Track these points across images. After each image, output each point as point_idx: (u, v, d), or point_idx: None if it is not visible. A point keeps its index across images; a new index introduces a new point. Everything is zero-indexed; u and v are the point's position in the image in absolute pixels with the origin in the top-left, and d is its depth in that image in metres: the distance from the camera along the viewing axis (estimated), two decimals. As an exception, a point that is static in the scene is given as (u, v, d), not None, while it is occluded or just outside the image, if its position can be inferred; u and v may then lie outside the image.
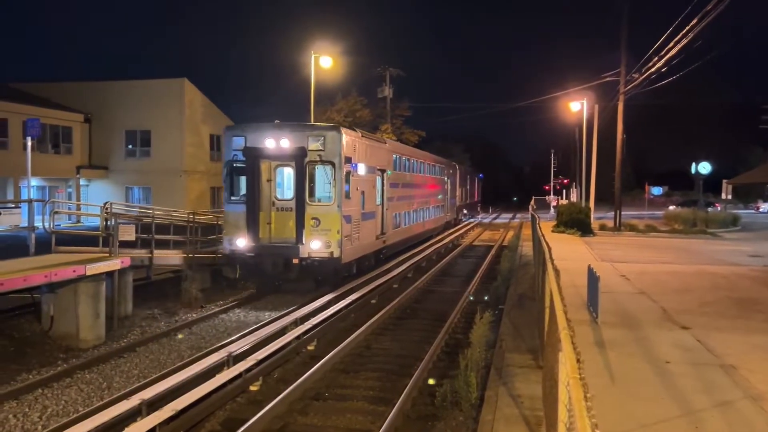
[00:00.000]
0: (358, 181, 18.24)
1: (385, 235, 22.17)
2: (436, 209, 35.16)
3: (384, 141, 23.63)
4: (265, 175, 16.91)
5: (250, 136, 16.88)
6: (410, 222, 27.36)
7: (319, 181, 16.90)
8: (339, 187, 16.61)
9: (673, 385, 8.18)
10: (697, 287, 16.02)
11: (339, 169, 16.62)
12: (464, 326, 13.65)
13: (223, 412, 8.94)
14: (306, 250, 16.41)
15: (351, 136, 17.88)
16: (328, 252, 16.40)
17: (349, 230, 17.21)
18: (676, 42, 24.80)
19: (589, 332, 10.97)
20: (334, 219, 16.56)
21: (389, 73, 54.34)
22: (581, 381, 3.74)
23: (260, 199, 16.74)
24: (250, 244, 16.54)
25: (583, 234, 32.24)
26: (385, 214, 22.16)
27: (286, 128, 16.81)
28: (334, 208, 16.62)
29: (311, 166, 16.71)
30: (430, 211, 33.00)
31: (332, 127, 17.20)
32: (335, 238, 16.45)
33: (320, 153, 16.56)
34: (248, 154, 16.66)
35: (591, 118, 42.93)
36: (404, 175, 26.15)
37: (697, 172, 40.87)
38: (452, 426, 8.40)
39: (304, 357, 11.78)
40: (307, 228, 16.42)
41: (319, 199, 16.88)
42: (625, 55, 34.53)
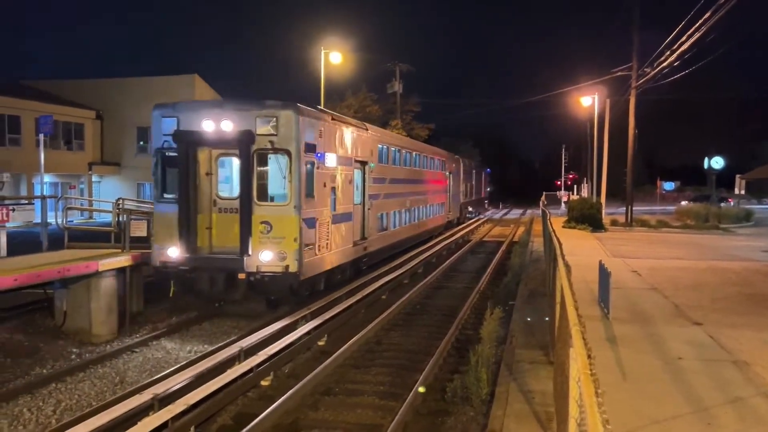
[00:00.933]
0: (325, 176, 14.92)
1: (366, 240, 18.74)
2: (435, 207, 31.84)
3: (364, 127, 19.33)
4: (204, 167, 13.63)
5: (184, 116, 13.51)
6: (401, 223, 24.03)
7: (272, 174, 13.59)
8: (297, 183, 13.24)
9: (685, 382, 8.14)
10: (710, 283, 15.91)
11: (297, 160, 13.22)
12: (474, 323, 13.63)
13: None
14: (254, 263, 13.02)
15: (314, 117, 14.35)
16: (281, 265, 13.05)
17: (312, 237, 13.89)
18: (688, 36, 24.60)
19: (601, 328, 10.93)
20: (290, 223, 13.18)
21: (399, 69, 54.24)
22: (592, 377, 3.73)
23: (197, 197, 13.47)
24: (184, 255, 13.17)
25: (594, 229, 32.08)
26: (367, 215, 18.84)
27: (228, 106, 13.46)
28: (289, 210, 13.23)
29: (261, 155, 13.35)
30: (427, 210, 29.67)
31: (287, 105, 13.36)
32: (291, 247, 13.10)
33: (272, 138, 13.18)
34: (180, 140, 13.30)
35: (602, 113, 42.67)
36: (393, 169, 22.74)
37: (709, 167, 40.50)
38: (462, 421, 8.41)
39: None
40: (255, 235, 13.09)
41: (271, 197, 13.58)
42: (637, 49, 34.29)
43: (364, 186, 18.80)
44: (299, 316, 13.12)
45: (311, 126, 14.08)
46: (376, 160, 19.89)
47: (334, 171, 15.71)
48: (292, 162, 13.25)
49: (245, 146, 13.10)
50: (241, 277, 13.05)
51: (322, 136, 14.63)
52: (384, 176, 21.24)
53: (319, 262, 14.56)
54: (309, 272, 13.84)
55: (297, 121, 13.27)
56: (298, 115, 13.34)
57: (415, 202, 26.49)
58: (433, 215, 31.47)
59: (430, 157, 31.00)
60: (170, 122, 13.61)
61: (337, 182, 15.88)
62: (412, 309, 15.72)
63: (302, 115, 13.51)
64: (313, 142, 14.13)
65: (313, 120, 14.25)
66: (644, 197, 62.85)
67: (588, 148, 55.29)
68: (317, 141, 14.36)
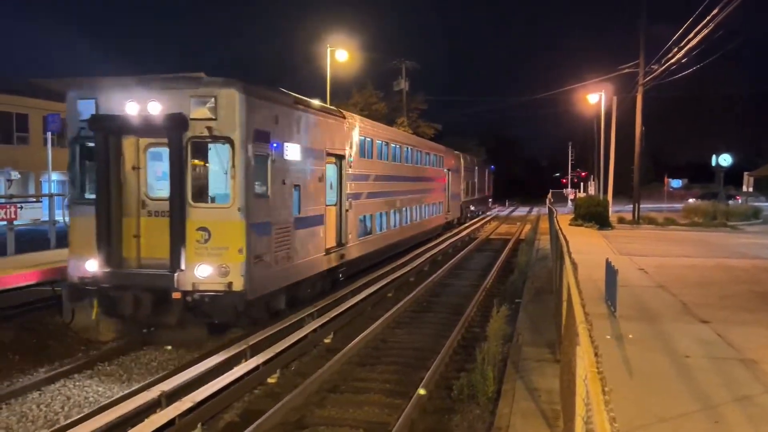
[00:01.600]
0: (284, 171, 12.51)
1: (344, 246, 16.31)
2: (431, 207, 29.36)
3: (340, 114, 16.51)
4: (130, 161, 11.29)
5: (104, 97, 11.21)
6: (390, 226, 21.64)
7: (211, 169, 11.32)
8: (243, 180, 10.88)
9: (693, 380, 8.11)
10: (717, 281, 15.83)
11: (242, 150, 10.87)
12: (480, 320, 13.62)
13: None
14: (188, 280, 10.71)
15: (267, 98, 11.95)
16: (223, 282, 10.73)
17: (264, 246, 11.59)
18: (696, 32, 24.46)
19: (607, 326, 10.90)
20: (234, 230, 10.86)
21: (405, 66, 54.20)
22: (599, 375, 3.73)
23: (122, 198, 11.21)
24: (103, 270, 10.89)
25: (601, 227, 31.96)
26: (344, 218, 16.33)
27: (155, 84, 11.05)
28: (233, 213, 10.85)
29: (197, 144, 10.97)
30: (422, 210, 27.26)
31: (229, 82, 10.95)
32: (236, 259, 10.78)
33: (210, 124, 10.79)
34: (98, 127, 11.00)
35: (609, 110, 42.51)
36: (379, 165, 20.20)
37: (717, 164, 40.32)
38: (469, 419, 8.41)
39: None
40: (190, 244, 10.78)
41: (211, 198, 11.30)
42: (644, 46, 34.12)
43: (341, 184, 16.24)
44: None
45: (263, 109, 11.68)
46: (356, 154, 17.41)
47: (298, 165, 13.18)
48: (235, 153, 10.82)
49: (175, 133, 10.73)
50: (176, 297, 10.68)
51: (279, 123, 12.22)
52: (367, 172, 18.83)
53: (275, 277, 12.13)
54: (261, 290, 11.47)
55: (242, 102, 10.86)
56: (244, 95, 10.90)
57: (407, 202, 24.16)
58: (430, 216, 29.15)
59: (425, 153, 28.63)
60: (88, 105, 11.27)
61: (302, 179, 13.43)
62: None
63: (249, 95, 11.09)
64: (266, 129, 11.66)
65: (265, 102, 11.79)
66: (651, 195, 62.51)
67: (595, 146, 55.12)
68: (272, 128, 11.92)
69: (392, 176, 22.05)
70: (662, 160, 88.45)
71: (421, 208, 26.92)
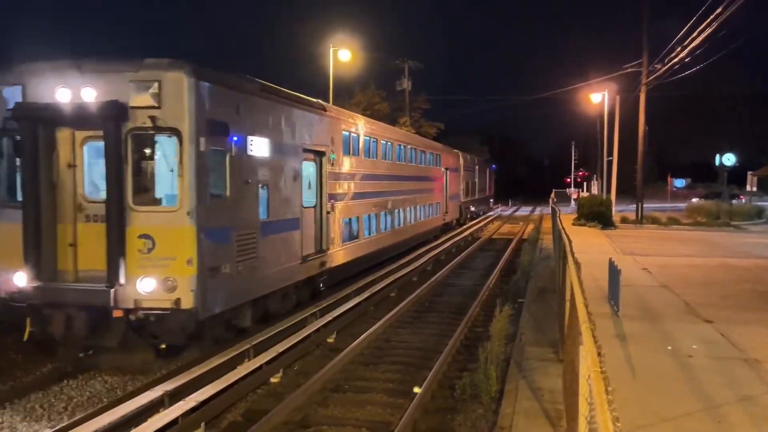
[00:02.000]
0: (249, 169, 11.00)
1: (325, 253, 14.67)
2: (428, 208, 27.88)
3: (321, 107, 14.92)
4: (65, 157, 9.82)
5: (32, 83, 9.66)
6: (380, 229, 20.14)
7: (157, 166, 9.84)
8: (193, 178, 9.34)
9: (696, 379, 8.10)
10: (721, 280, 15.81)
11: (193, 144, 9.32)
12: (484, 320, 13.62)
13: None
14: (129, 296, 9.25)
15: (224, 85, 10.39)
16: (170, 298, 9.22)
17: (223, 255, 10.04)
18: (699, 32, 24.42)
19: (611, 325, 10.89)
20: (182, 237, 9.33)
21: (408, 66, 54.19)
22: (602, 374, 3.72)
23: (55, 200, 9.74)
24: (32, 284, 9.42)
25: (604, 227, 31.95)
26: (326, 221, 14.68)
27: (88, 67, 9.58)
28: (181, 218, 9.32)
29: (138, 137, 9.44)
30: (417, 212, 25.70)
31: (176, 64, 9.40)
32: (185, 272, 9.27)
33: (153, 113, 9.28)
34: (23, 117, 9.51)
35: (612, 109, 42.47)
36: (366, 163, 18.59)
37: (721, 163, 40.23)
38: (472, 419, 8.40)
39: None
40: (131, 254, 9.31)
41: (157, 200, 9.80)
42: (647, 45, 34.08)
43: (321, 183, 14.60)
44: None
45: (220, 96, 10.19)
46: (340, 151, 15.86)
47: (267, 162, 11.59)
48: (184, 147, 9.29)
49: (112, 124, 9.24)
50: (117, 316, 9.26)
51: (241, 113, 10.71)
52: (353, 171, 17.19)
53: (237, 291, 10.59)
54: (217, 306, 9.94)
55: (192, 88, 9.33)
56: (194, 79, 9.36)
57: (400, 203, 22.61)
58: (426, 217, 27.63)
59: (421, 150, 27.11)
60: (14, 92, 9.75)
61: (272, 178, 11.86)
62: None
63: (201, 80, 9.54)
64: (224, 120, 10.15)
65: (222, 89, 10.28)
66: (655, 194, 62.45)
67: (598, 145, 55.06)
68: (232, 119, 10.42)
69: (383, 175, 20.53)
70: (666, 159, 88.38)
71: (416, 210, 25.47)
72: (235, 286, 10.50)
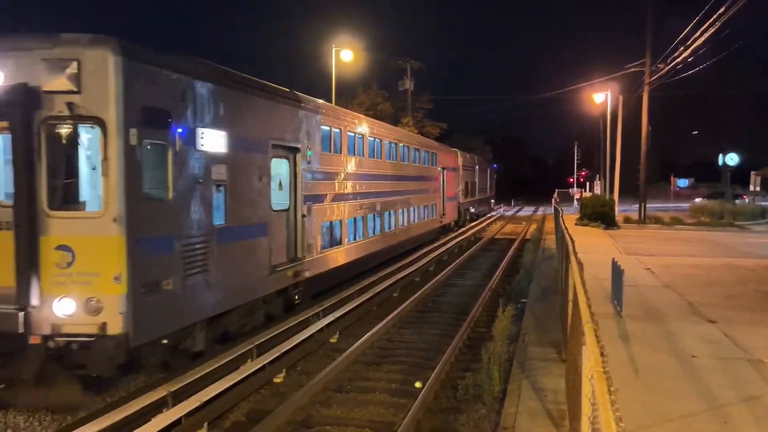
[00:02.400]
0: (200, 166, 9.39)
1: (300, 261, 13.08)
2: (422, 210, 26.35)
3: (294, 98, 13.23)
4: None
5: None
6: (367, 233, 18.54)
7: (79, 162, 8.41)
8: (122, 177, 7.84)
9: (699, 380, 8.08)
10: (724, 280, 15.78)
11: (120, 136, 7.83)
12: (486, 320, 13.61)
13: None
14: (45, 319, 7.76)
15: (163, 66, 8.72)
16: (95, 323, 7.71)
17: (164, 269, 8.55)
18: (702, 31, 24.38)
19: (613, 326, 10.88)
20: (108, 248, 7.81)
21: (410, 66, 54.20)
22: (605, 374, 3.72)
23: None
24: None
25: (607, 227, 31.91)
26: (301, 225, 13.07)
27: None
28: (106, 225, 7.80)
29: (53, 128, 7.98)
30: (410, 214, 24.06)
31: (98, 41, 7.93)
32: (112, 290, 7.75)
33: (72, 99, 7.80)
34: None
35: (615, 109, 42.41)
36: (350, 161, 16.93)
37: (724, 163, 40.16)
38: (475, 419, 8.40)
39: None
40: (46, 270, 7.81)
41: (80, 203, 8.38)
42: (650, 44, 34.01)
43: (296, 183, 13.09)
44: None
45: (159, 80, 8.58)
46: (318, 147, 14.23)
47: (223, 159, 9.94)
48: (109, 140, 7.76)
49: (21, 112, 7.79)
50: (34, 342, 7.72)
51: (187, 100, 9.10)
52: (335, 170, 15.67)
53: (183, 310, 8.97)
54: (156, 330, 8.51)
55: (119, 68, 7.79)
56: (122, 58, 7.82)
57: (390, 205, 21.00)
58: (421, 219, 26.09)
59: (414, 148, 25.34)
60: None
61: (231, 177, 10.16)
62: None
63: (132, 59, 8.00)
64: (163, 108, 8.59)
65: (161, 70, 8.62)
66: (658, 194, 62.36)
67: (601, 145, 54.99)
68: (175, 107, 8.82)
69: (371, 175, 18.90)
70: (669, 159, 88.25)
71: (409, 212, 23.85)
72: (181, 304, 8.86)
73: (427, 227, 27.59)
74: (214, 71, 10.13)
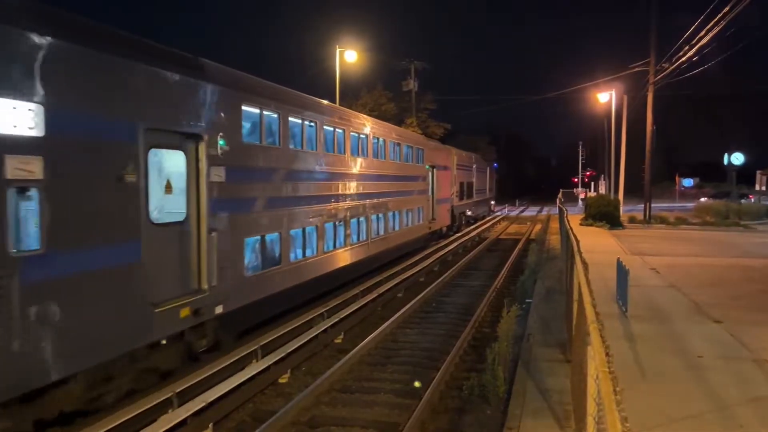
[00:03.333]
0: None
1: (204, 293, 9.39)
2: (404, 215, 22.27)
3: (195, 66, 9.75)
4: None
5: None
6: (320, 248, 14.38)
7: None
8: None
9: (705, 380, 8.05)
10: (730, 280, 15.71)
11: None
12: (491, 321, 13.60)
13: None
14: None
15: None
16: None
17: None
18: (707, 30, 24.29)
19: (618, 326, 10.85)
20: None
21: (414, 66, 54.17)
22: (610, 375, 3.71)
23: None
24: None
25: (611, 227, 31.82)
26: (207, 243, 9.52)
27: None
28: None
29: None
30: (387, 220, 19.97)
31: None
32: None
33: None
34: None
35: (620, 109, 42.32)
36: (288, 155, 12.87)
37: (729, 163, 40.01)
38: (480, 419, 8.40)
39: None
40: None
41: None
42: (654, 44, 33.92)
43: (198, 185, 9.52)
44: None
45: None
46: (237, 136, 10.60)
47: (38, 147, 6.65)
48: None
49: None
50: None
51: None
52: (266, 166, 11.85)
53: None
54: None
55: None
56: None
57: (359, 210, 17.06)
58: (403, 226, 22.01)
59: (394, 143, 21.06)
60: None
61: (55, 178, 6.82)
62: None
63: None
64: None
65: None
66: (663, 194, 62.20)
67: (605, 145, 54.88)
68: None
69: (327, 174, 14.88)
70: (674, 159, 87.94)
71: (387, 218, 19.87)
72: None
73: (411, 235, 23.41)
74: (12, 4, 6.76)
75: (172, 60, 9.11)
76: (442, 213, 29.97)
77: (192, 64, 9.65)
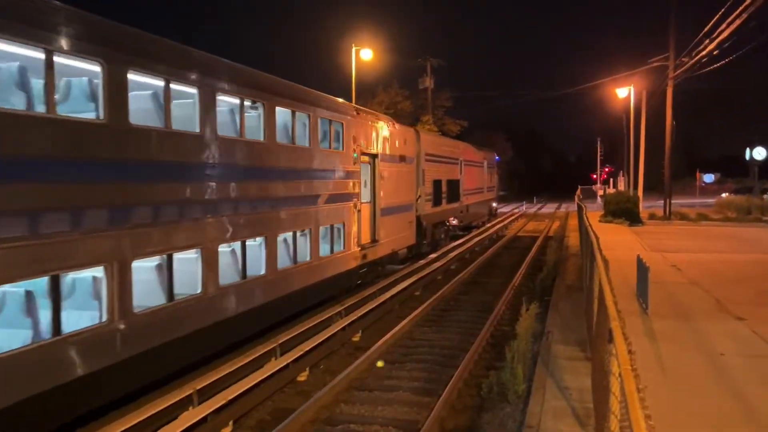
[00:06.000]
0: None
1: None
2: (304, 241, 12.98)
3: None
4: None
5: None
6: (112, 310, 7.51)
7: None
8: None
9: (728, 378, 7.95)
10: (753, 277, 15.49)
11: None
12: (510, 318, 13.54)
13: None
14: None
15: None
16: None
17: None
18: (728, 23, 23.92)
19: (639, 323, 10.74)
20: None
21: (430, 64, 54.08)
22: (633, 372, 3.68)
23: None
24: None
25: (631, 223, 31.51)
26: None
27: None
28: None
29: None
30: (260, 251, 11.09)
31: None
32: None
33: None
34: None
35: (639, 104, 41.89)
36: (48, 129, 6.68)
37: (751, 157, 39.40)
38: (499, 417, 8.36)
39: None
40: None
41: None
42: (674, 38, 33.51)
43: None
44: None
45: None
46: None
47: None
48: None
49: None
50: None
51: None
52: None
53: None
54: None
55: None
56: None
57: (193, 238, 9.15)
58: (297, 261, 12.56)
59: (281, 108, 11.87)
60: None
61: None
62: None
63: None
64: None
65: None
66: (683, 190, 61.47)
67: (624, 141, 54.34)
68: None
69: (121, 166, 7.79)
70: (694, 154, 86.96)
71: (261, 247, 11.19)
72: None
73: (314, 276, 13.28)
74: None
75: None
76: (398, 228, 19.67)
77: None
